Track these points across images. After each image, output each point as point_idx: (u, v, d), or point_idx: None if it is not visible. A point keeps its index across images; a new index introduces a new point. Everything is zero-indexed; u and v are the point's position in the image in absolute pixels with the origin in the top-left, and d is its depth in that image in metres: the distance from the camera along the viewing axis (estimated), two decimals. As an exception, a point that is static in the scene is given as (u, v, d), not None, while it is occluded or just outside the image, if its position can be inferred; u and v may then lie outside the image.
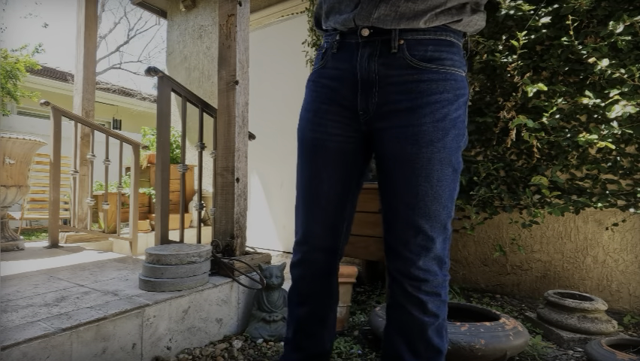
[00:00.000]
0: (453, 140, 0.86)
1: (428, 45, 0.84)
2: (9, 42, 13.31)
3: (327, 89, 0.95)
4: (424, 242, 0.88)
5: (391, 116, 0.87)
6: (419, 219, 0.87)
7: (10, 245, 2.66)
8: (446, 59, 0.86)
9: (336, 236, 1.03)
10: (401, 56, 0.84)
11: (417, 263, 0.88)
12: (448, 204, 0.88)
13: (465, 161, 2.68)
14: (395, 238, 0.91)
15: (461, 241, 2.82)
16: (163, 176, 2.10)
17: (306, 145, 0.99)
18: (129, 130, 9.46)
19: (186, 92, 2.19)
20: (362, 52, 0.88)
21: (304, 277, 1.07)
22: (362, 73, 0.88)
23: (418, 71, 0.84)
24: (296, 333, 1.10)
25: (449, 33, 0.86)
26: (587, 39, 2.28)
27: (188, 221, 4.15)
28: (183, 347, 1.62)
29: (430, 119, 0.84)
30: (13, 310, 1.41)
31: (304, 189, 1.01)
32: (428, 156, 0.84)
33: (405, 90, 0.85)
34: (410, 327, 0.91)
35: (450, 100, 0.85)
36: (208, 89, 4.17)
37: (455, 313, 1.92)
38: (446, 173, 0.86)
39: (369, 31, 0.86)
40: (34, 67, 5.93)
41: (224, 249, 2.00)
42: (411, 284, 0.89)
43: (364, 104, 0.90)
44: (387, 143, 0.89)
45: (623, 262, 2.31)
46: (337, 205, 1.00)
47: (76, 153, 3.08)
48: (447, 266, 0.93)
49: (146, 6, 4.67)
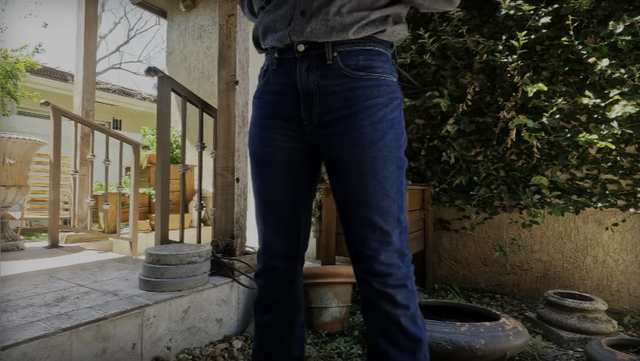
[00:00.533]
0: (392, 139, 0.93)
1: (359, 55, 0.92)
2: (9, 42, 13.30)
3: (271, 105, 1.01)
4: (381, 237, 0.93)
5: (333, 123, 0.94)
6: (373, 216, 0.92)
7: (10, 245, 2.66)
8: (377, 67, 0.94)
9: (294, 242, 1.09)
10: (336, 67, 0.92)
11: (378, 259, 0.93)
12: (397, 198, 0.94)
13: (465, 161, 2.69)
14: (354, 238, 0.96)
15: (461, 241, 2.82)
16: (163, 176, 2.10)
17: (256, 160, 1.06)
18: (129, 130, 9.47)
19: (186, 92, 2.19)
20: (300, 66, 0.94)
21: (268, 285, 1.11)
22: (302, 85, 0.94)
23: (353, 80, 0.92)
24: (261, 341, 1.13)
25: (377, 44, 0.94)
26: (587, 39, 2.28)
27: (188, 221, 4.15)
28: (183, 347, 1.62)
29: (369, 122, 0.91)
30: (13, 310, 1.41)
31: (259, 202, 1.07)
32: (372, 155, 0.91)
33: (343, 98, 0.92)
34: (386, 322, 0.95)
35: (384, 103, 0.93)
36: (208, 89, 4.16)
37: (455, 313, 1.92)
38: (391, 170, 0.93)
39: (305, 46, 0.92)
40: (34, 67, 5.93)
41: (224, 249, 2.00)
42: (377, 280, 0.94)
43: (307, 114, 0.96)
44: (333, 148, 0.95)
45: (623, 262, 2.31)
46: (292, 213, 1.06)
47: (76, 153, 3.08)
48: (408, 258, 0.98)
49: (146, 6, 4.67)
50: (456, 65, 2.71)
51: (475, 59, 2.55)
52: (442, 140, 2.77)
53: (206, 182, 3.93)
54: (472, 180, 2.62)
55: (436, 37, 2.65)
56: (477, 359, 1.45)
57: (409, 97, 2.91)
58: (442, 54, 2.75)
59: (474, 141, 2.69)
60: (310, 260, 3.03)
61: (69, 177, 3.13)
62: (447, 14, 2.63)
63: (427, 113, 2.91)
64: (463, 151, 2.65)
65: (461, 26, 2.51)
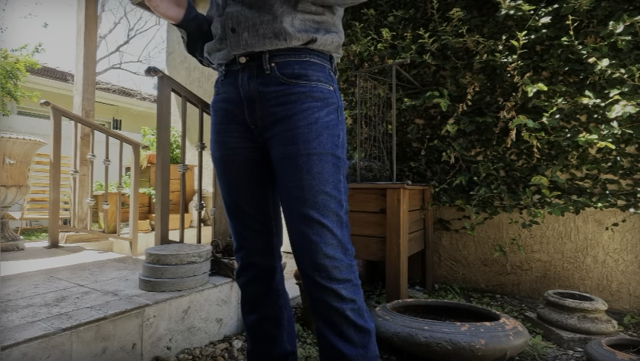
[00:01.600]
0: (328, 139, 0.99)
1: (294, 65, 1.00)
2: (9, 42, 13.31)
3: (223, 111, 1.09)
4: (320, 230, 0.96)
5: (273, 125, 1.01)
6: (309, 210, 0.96)
7: (10, 245, 2.66)
8: (312, 76, 1.00)
9: (267, 235, 1.14)
10: (274, 76, 1.00)
11: (320, 253, 0.95)
12: (334, 194, 0.98)
13: (465, 161, 2.69)
14: (295, 233, 0.99)
15: (461, 241, 2.82)
16: (163, 176, 2.10)
17: (217, 163, 1.13)
18: (129, 130, 9.47)
19: (186, 92, 2.19)
20: (242, 75, 1.03)
21: (249, 283, 1.15)
22: (245, 93, 1.03)
23: (289, 86, 0.99)
24: (253, 340, 1.16)
25: (312, 55, 1.01)
26: (587, 39, 2.28)
27: (188, 221, 4.15)
28: (183, 347, 1.62)
29: (304, 123, 0.97)
30: (13, 310, 1.41)
31: (226, 202, 1.13)
32: (307, 152, 0.96)
33: (280, 102, 0.99)
34: (333, 318, 0.97)
35: (319, 107, 0.99)
36: (208, 89, 4.17)
37: (455, 313, 1.92)
38: (326, 167, 0.97)
39: (246, 58, 1.01)
40: (34, 67, 5.93)
41: (225, 249, 2.00)
42: (321, 276, 0.96)
43: (251, 118, 1.04)
44: (274, 148, 1.01)
45: (623, 262, 2.31)
46: (259, 208, 1.11)
47: (76, 153, 3.08)
48: (351, 252, 1.01)
49: (146, 6, 4.67)
50: (456, 65, 2.71)
51: (475, 59, 2.55)
52: (442, 140, 2.77)
53: (206, 182, 3.93)
54: (472, 180, 2.62)
55: (436, 37, 2.65)
56: (477, 359, 1.45)
57: (409, 97, 2.91)
58: (442, 54, 2.75)
59: (474, 141, 2.69)
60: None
61: (69, 177, 3.13)
62: (447, 14, 2.63)
63: (427, 113, 2.91)
64: (463, 151, 2.65)
65: (461, 26, 2.51)
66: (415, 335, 1.52)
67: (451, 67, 2.73)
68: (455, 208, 2.81)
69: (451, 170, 2.73)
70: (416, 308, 1.98)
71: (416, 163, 2.87)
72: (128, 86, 10.72)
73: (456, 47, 2.64)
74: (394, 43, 2.88)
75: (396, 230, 2.13)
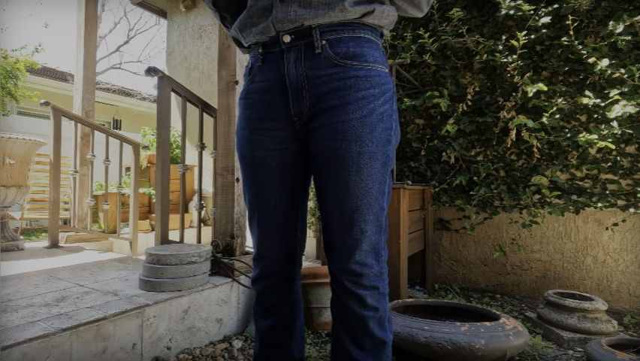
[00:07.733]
0: (381, 134, 0.88)
1: (349, 42, 0.87)
2: (9, 42, 13.31)
3: (260, 103, 0.96)
4: (358, 235, 0.90)
5: (322, 115, 0.89)
6: (352, 213, 0.89)
7: (10, 245, 2.66)
8: (368, 56, 0.88)
9: (291, 246, 1.05)
10: (326, 56, 0.87)
11: (353, 257, 0.90)
12: (378, 197, 0.90)
13: (465, 161, 2.69)
14: (331, 234, 0.93)
15: (461, 241, 2.82)
16: (163, 176, 2.10)
17: (246, 163, 1.00)
18: (129, 130, 9.47)
19: (186, 92, 2.19)
20: (287, 57, 0.89)
21: (266, 290, 1.08)
22: (290, 79, 0.89)
23: (343, 69, 0.87)
24: (262, 346, 1.12)
25: (366, 31, 0.90)
26: (587, 39, 2.28)
27: (188, 221, 4.15)
28: (183, 347, 1.62)
29: (358, 115, 0.86)
30: (13, 310, 1.41)
31: (252, 207, 1.02)
32: (358, 150, 0.86)
33: (333, 89, 0.87)
34: (353, 322, 0.93)
35: (376, 95, 0.88)
36: (208, 89, 4.16)
37: (455, 313, 1.92)
38: (375, 167, 0.88)
39: (291, 36, 0.87)
40: (34, 67, 5.92)
41: (225, 249, 2.00)
42: (349, 280, 0.91)
43: (297, 108, 0.91)
44: (319, 141, 0.90)
45: (623, 262, 2.31)
46: (287, 217, 1.01)
47: (76, 153, 3.08)
48: (384, 258, 0.95)
49: (146, 6, 4.67)
50: (456, 65, 2.71)
51: (475, 59, 2.55)
52: (442, 140, 2.77)
53: (206, 182, 3.93)
54: (472, 180, 2.62)
55: (436, 37, 2.65)
56: (477, 359, 1.45)
57: (409, 97, 2.91)
58: (442, 54, 2.75)
59: (474, 141, 2.69)
60: (310, 260, 3.03)
61: (69, 177, 3.13)
62: (447, 14, 2.63)
63: (427, 113, 2.91)
64: (463, 151, 2.65)
65: (461, 26, 2.51)
66: (415, 335, 1.52)
67: (451, 67, 2.73)
68: (455, 208, 2.81)
69: (451, 170, 2.74)
70: (416, 308, 1.98)
71: (416, 163, 2.87)
72: (128, 86, 10.71)
73: (456, 46, 2.64)
74: (394, 43, 2.88)
75: (396, 230, 2.13)
